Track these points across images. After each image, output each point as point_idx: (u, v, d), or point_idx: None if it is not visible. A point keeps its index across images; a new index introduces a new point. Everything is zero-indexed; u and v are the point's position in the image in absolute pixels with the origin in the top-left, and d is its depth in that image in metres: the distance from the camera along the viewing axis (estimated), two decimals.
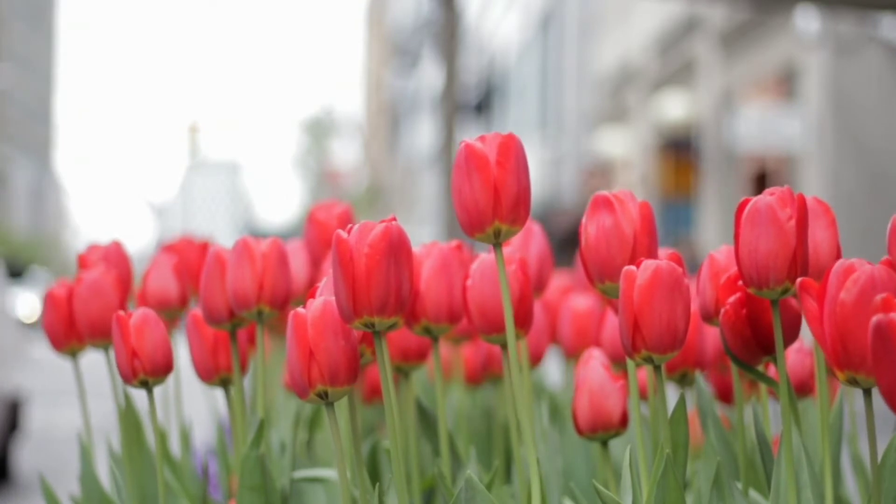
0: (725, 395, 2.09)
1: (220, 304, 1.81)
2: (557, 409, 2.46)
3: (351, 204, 2.38)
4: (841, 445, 1.75)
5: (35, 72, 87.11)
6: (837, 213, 1.62)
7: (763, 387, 1.73)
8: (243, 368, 1.88)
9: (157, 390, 1.76)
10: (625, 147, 21.55)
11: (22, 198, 78.55)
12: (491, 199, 1.49)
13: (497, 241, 1.51)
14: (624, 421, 1.72)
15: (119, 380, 1.83)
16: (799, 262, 1.44)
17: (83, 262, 2.12)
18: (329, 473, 1.83)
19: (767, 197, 1.45)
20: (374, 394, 2.49)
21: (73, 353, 2.05)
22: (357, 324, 1.44)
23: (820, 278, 1.50)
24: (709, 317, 1.64)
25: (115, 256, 2.14)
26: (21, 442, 8.15)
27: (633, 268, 1.43)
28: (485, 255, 1.73)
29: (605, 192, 1.56)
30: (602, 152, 22.69)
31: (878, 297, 1.16)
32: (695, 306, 1.72)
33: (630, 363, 1.50)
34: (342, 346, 1.46)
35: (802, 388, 1.94)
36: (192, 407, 2.87)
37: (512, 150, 1.50)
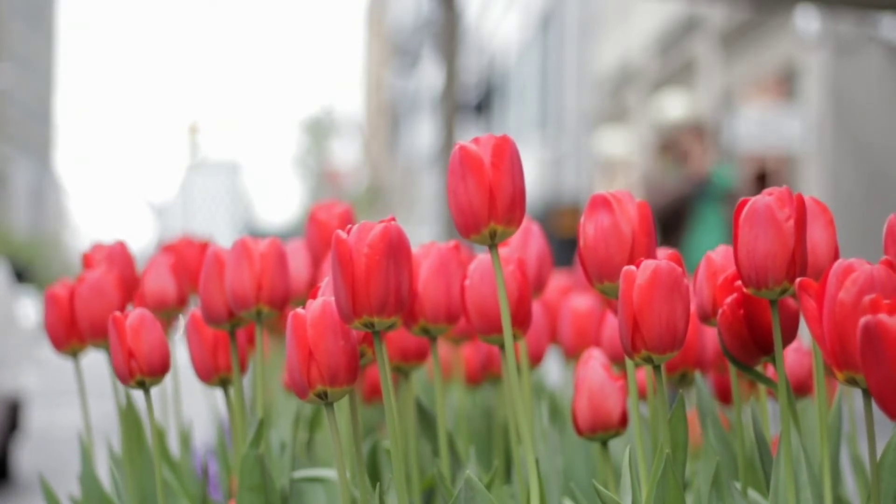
0: (725, 396, 2.09)
1: (219, 305, 1.81)
2: (557, 409, 2.46)
3: (351, 204, 2.38)
4: (840, 445, 1.75)
5: (35, 72, 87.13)
6: (837, 212, 1.62)
7: (762, 387, 1.73)
8: (242, 368, 1.88)
9: (156, 390, 1.76)
10: (625, 147, 21.54)
11: (22, 198, 78.55)
12: (486, 200, 1.49)
13: (493, 243, 1.51)
14: (623, 421, 1.72)
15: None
16: (797, 263, 1.44)
17: (88, 261, 2.12)
18: (329, 473, 1.83)
19: (766, 197, 1.45)
20: (374, 394, 2.49)
21: (73, 353, 2.05)
22: (356, 324, 1.45)
23: (818, 278, 1.51)
24: (706, 317, 1.64)
25: (119, 256, 2.14)
26: (21, 442, 8.15)
27: (632, 268, 1.43)
28: (483, 256, 1.73)
29: (603, 193, 1.56)
30: (602, 152, 22.69)
31: (867, 298, 1.17)
32: (692, 307, 1.72)
33: (629, 363, 1.50)
34: (342, 347, 1.47)
35: (801, 389, 1.94)
36: (192, 407, 2.87)
37: (506, 152, 1.50)
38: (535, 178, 25.72)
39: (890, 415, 1.13)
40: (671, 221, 6.79)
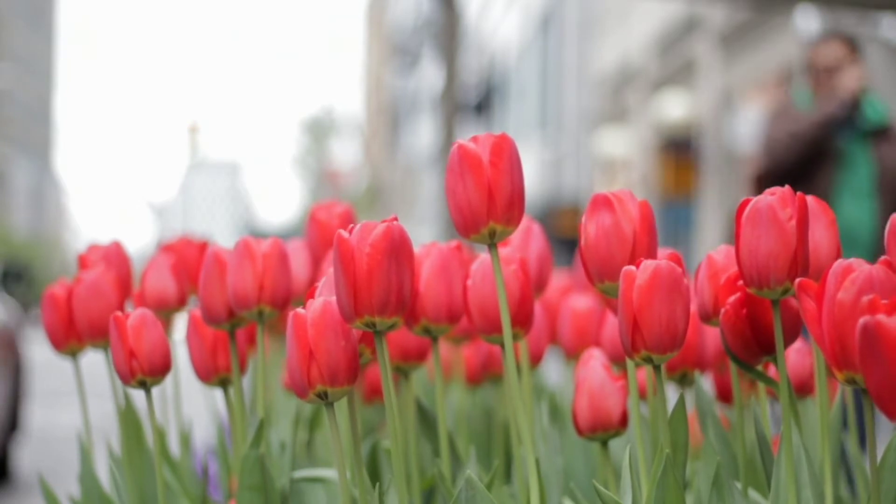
0: (725, 396, 2.09)
1: (219, 305, 1.81)
2: (557, 409, 2.46)
3: (351, 204, 2.38)
4: (840, 445, 1.75)
5: (35, 72, 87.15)
6: None
7: (762, 387, 1.73)
8: (242, 368, 1.88)
9: (156, 390, 1.76)
10: (625, 147, 21.54)
11: (22, 198, 78.60)
12: (485, 199, 1.48)
13: (492, 242, 1.51)
14: (624, 421, 1.72)
15: (119, 380, 1.83)
16: (799, 263, 1.44)
17: (83, 262, 2.12)
18: (329, 473, 1.83)
19: (768, 197, 1.45)
20: (374, 394, 2.49)
21: (72, 353, 2.05)
22: (358, 324, 1.45)
23: (820, 278, 1.51)
24: (707, 317, 1.64)
25: (116, 257, 2.14)
26: (21, 442, 8.15)
27: (632, 268, 1.43)
28: (485, 255, 1.73)
29: (604, 192, 1.56)
30: (602, 152, 22.69)
31: (865, 299, 1.16)
32: (693, 307, 1.72)
33: (630, 363, 1.50)
34: (342, 347, 1.46)
35: (803, 389, 1.94)
36: (192, 407, 2.87)
37: (505, 151, 1.49)
38: (535, 178, 25.72)
39: (889, 415, 1.12)
40: (807, 163, 4.94)
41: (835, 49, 5.07)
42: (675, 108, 18.51)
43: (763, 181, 5.09)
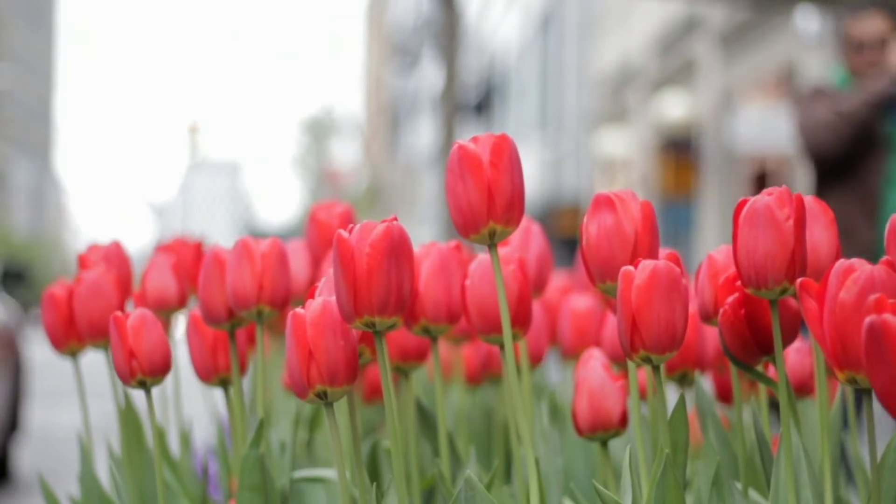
0: (725, 396, 2.09)
1: (219, 305, 1.81)
2: (557, 409, 2.46)
3: (351, 204, 2.38)
4: (840, 445, 1.75)
5: (35, 72, 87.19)
6: None
7: (762, 387, 1.73)
8: (242, 368, 1.88)
9: (156, 390, 1.76)
10: (625, 147, 21.54)
11: (22, 198, 78.63)
12: (485, 199, 1.48)
13: (492, 242, 1.51)
14: (624, 421, 1.72)
15: (119, 380, 1.83)
16: (797, 263, 1.44)
17: (83, 262, 2.12)
18: (329, 473, 1.83)
19: (766, 197, 1.45)
20: (374, 394, 2.49)
21: (72, 353, 2.05)
22: (358, 324, 1.45)
23: (819, 278, 1.50)
24: (707, 317, 1.64)
25: (116, 257, 2.14)
26: (21, 442, 8.15)
27: (631, 268, 1.43)
28: (483, 256, 1.73)
29: (605, 192, 1.56)
30: (602, 152, 22.70)
31: (871, 298, 1.17)
32: (694, 306, 1.72)
33: (630, 363, 1.50)
34: (341, 347, 1.46)
35: (802, 389, 1.94)
36: (192, 407, 2.87)
37: (505, 151, 1.50)
38: (535, 178, 25.71)
39: (894, 414, 1.12)
40: (853, 148, 4.46)
41: (877, 23, 4.61)
42: (675, 108, 18.52)
43: (809, 170, 4.69)
